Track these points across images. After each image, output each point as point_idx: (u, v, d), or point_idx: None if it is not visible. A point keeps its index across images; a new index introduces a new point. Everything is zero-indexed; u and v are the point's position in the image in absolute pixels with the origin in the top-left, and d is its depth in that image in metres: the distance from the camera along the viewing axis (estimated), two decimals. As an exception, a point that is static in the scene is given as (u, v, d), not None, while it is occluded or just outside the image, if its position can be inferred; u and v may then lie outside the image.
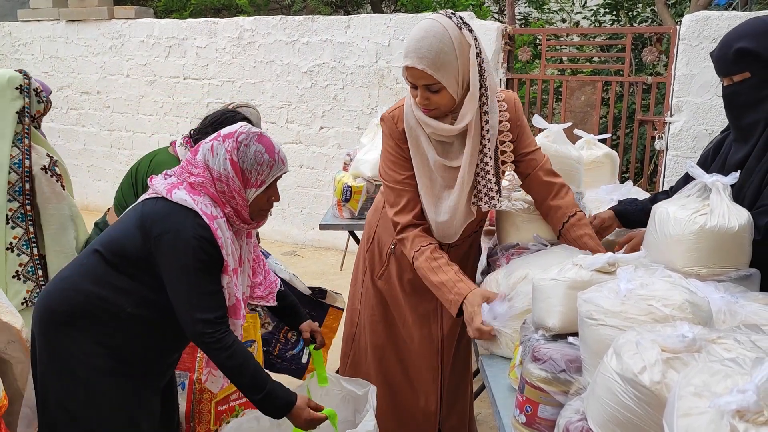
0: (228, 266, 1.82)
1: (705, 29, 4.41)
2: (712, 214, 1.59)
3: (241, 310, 1.88)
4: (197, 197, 1.79)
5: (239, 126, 1.88)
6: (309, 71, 6.00)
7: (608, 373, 1.12)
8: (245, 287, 2.01)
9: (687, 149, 4.58)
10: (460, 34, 1.83)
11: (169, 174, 1.89)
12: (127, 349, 1.84)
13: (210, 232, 1.76)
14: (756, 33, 1.73)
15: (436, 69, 1.80)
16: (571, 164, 2.39)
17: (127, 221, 1.85)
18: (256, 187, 1.85)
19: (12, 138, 2.45)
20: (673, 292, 1.30)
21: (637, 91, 4.79)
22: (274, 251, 4.98)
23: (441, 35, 1.80)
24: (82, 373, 1.80)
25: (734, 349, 1.07)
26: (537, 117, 2.48)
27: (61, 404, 1.82)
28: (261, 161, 1.83)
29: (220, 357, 1.77)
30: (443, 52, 1.80)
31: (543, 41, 5.16)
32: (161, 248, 1.76)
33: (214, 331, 1.74)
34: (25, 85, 2.51)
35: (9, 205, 2.43)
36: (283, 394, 1.82)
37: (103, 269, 1.81)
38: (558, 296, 1.60)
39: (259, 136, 1.86)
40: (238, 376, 1.79)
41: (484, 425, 3.22)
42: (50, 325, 1.83)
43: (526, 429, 1.45)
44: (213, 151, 1.83)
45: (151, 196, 1.85)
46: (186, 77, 6.56)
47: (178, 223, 1.75)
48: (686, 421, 0.89)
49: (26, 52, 7.34)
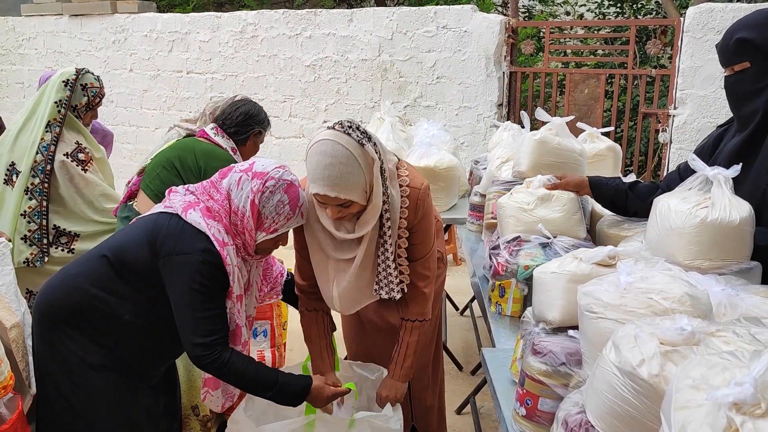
0: (233, 293, 1.83)
1: (709, 21, 4.38)
2: (714, 207, 1.59)
3: (242, 336, 1.90)
4: (211, 222, 1.79)
5: (273, 168, 1.83)
6: (312, 65, 6.00)
7: (607, 366, 1.12)
8: (252, 309, 2.03)
9: (691, 142, 4.56)
10: (363, 151, 1.79)
11: (190, 190, 1.88)
12: (123, 351, 1.85)
13: (219, 258, 1.77)
14: (756, 24, 1.76)
15: (347, 191, 1.78)
16: (573, 157, 2.39)
17: (138, 231, 1.84)
18: (267, 232, 1.84)
19: (46, 124, 2.84)
20: (673, 285, 1.30)
21: (641, 83, 4.77)
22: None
23: (347, 158, 1.76)
24: (77, 369, 1.82)
25: (733, 342, 1.07)
26: (540, 110, 2.47)
27: (62, 396, 1.85)
28: (281, 212, 1.82)
29: (220, 373, 1.82)
30: (351, 174, 1.77)
31: (546, 34, 5.14)
32: (169, 268, 1.77)
33: (211, 352, 1.77)
34: (71, 80, 2.90)
35: (32, 180, 2.82)
36: (296, 381, 1.87)
37: (107, 274, 1.82)
38: (558, 289, 1.60)
39: (288, 185, 1.83)
40: (243, 384, 1.85)
41: (486, 418, 3.22)
42: (48, 320, 1.85)
43: (527, 421, 1.46)
44: (239, 184, 1.81)
45: (165, 211, 1.84)
46: (189, 71, 6.56)
47: (188, 246, 1.75)
48: (683, 414, 0.89)
49: (30, 46, 7.35)
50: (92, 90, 2.98)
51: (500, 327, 2.07)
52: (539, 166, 2.36)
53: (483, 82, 5.28)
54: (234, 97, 2.93)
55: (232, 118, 2.74)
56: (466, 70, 5.33)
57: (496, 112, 5.30)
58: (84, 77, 2.95)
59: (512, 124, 3.54)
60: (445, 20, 5.33)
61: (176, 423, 2.14)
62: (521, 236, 2.18)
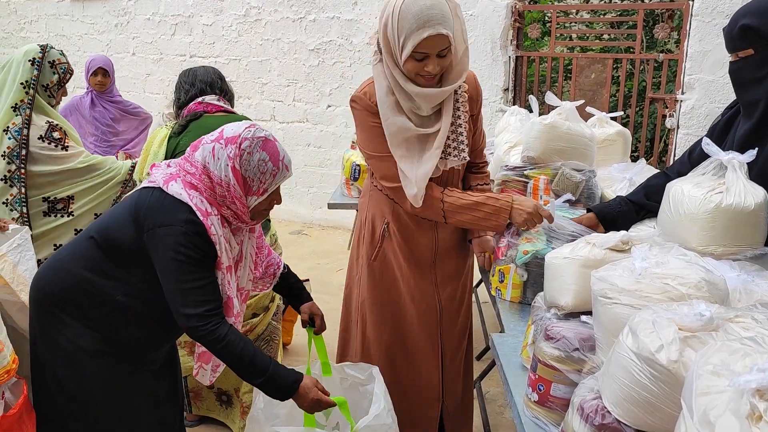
0: (222, 263, 1.78)
1: (719, 5, 4.34)
2: (728, 192, 1.57)
3: (234, 308, 1.84)
4: (192, 192, 1.75)
5: (243, 129, 1.79)
6: (316, 49, 5.96)
7: (624, 351, 1.11)
8: (246, 281, 1.99)
9: (698, 128, 4.53)
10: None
11: (171, 164, 1.85)
12: (118, 335, 1.83)
13: (203, 228, 1.73)
14: (761, 11, 1.74)
15: (451, 30, 1.86)
16: (584, 142, 2.37)
17: (122, 209, 1.82)
18: (258, 195, 1.80)
19: (12, 105, 2.68)
20: (689, 270, 1.29)
21: (648, 68, 4.73)
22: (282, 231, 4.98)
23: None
24: (72, 355, 1.80)
25: (752, 328, 1.06)
26: (549, 94, 2.45)
27: (57, 381, 1.83)
28: (264, 170, 1.78)
29: (215, 348, 1.74)
30: (449, 13, 1.86)
31: (553, 18, 5.09)
32: (153, 242, 1.73)
33: (206, 323, 1.71)
34: (38, 59, 2.73)
35: (8, 167, 2.68)
36: (287, 374, 1.79)
37: (96, 255, 1.80)
38: (571, 274, 1.59)
39: (264, 141, 1.78)
40: (237, 364, 1.76)
41: (492, 403, 3.23)
42: (42, 306, 1.84)
43: (539, 407, 1.46)
44: (214, 154, 1.76)
45: (148, 185, 1.82)
46: (192, 55, 6.52)
47: (170, 218, 1.72)
48: (705, 400, 0.88)
49: (32, 29, 7.31)
50: (61, 66, 2.83)
51: (510, 312, 2.06)
52: (549, 151, 2.34)
53: (489, 66, 5.24)
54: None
55: (213, 85, 2.71)
56: (472, 54, 5.21)
57: (502, 96, 5.26)
58: (50, 53, 2.78)
59: (519, 109, 3.51)
60: (451, 4, 5.28)
61: (178, 407, 2.12)
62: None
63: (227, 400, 2.91)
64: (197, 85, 2.70)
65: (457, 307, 2.34)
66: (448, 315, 2.30)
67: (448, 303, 2.29)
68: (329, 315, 2.25)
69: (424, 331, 2.28)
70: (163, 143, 2.68)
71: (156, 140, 2.71)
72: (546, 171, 2.34)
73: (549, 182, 2.32)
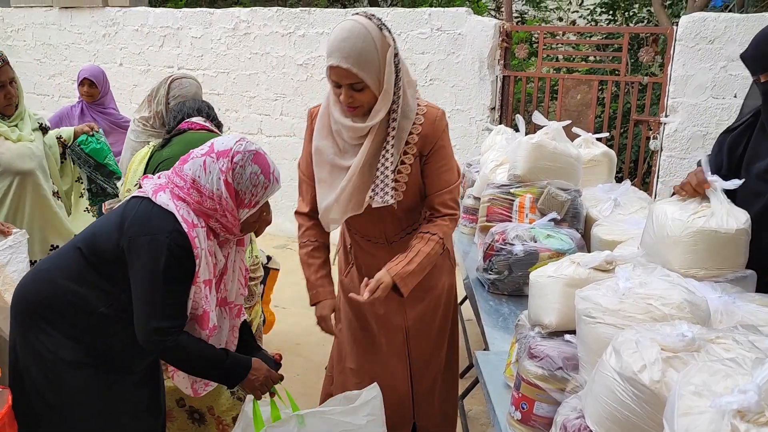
0: (198, 277, 1.78)
1: (702, 30, 4.42)
2: (713, 216, 1.59)
3: (210, 321, 1.85)
4: (180, 203, 1.76)
5: (234, 143, 1.80)
6: (305, 64, 5.97)
7: (607, 371, 1.12)
8: (237, 296, 1.99)
9: (681, 150, 4.59)
10: (380, 34, 1.86)
11: (161, 175, 1.85)
12: (101, 346, 1.82)
13: (187, 240, 1.73)
14: None
15: (360, 68, 1.83)
16: (570, 162, 2.39)
17: (110, 219, 1.82)
18: (249, 207, 1.81)
19: None
20: (672, 291, 1.30)
21: (633, 91, 4.80)
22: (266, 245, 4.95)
23: (364, 35, 1.83)
24: (51, 365, 1.79)
25: (733, 349, 1.07)
26: (536, 113, 2.48)
27: (36, 390, 1.81)
28: (257, 183, 1.79)
29: (167, 358, 1.85)
30: (366, 51, 1.83)
31: (540, 39, 5.15)
32: (134, 249, 1.72)
33: (165, 339, 1.76)
34: None
35: None
36: (239, 362, 1.89)
37: (80, 265, 1.79)
38: (555, 293, 1.60)
39: (255, 155, 1.80)
40: (189, 370, 1.90)
41: (474, 422, 3.22)
42: (23, 316, 1.82)
43: (522, 426, 1.46)
44: (205, 168, 1.77)
45: (137, 195, 1.82)
46: (180, 67, 6.50)
47: (155, 227, 1.72)
48: (687, 420, 0.89)
49: (18, 38, 7.27)
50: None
51: (494, 330, 2.07)
52: (536, 170, 2.37)
53: (476, 85, 5.29)
54: (168, 76, 3.05)
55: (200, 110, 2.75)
56: (459, 72, 5.33)
57: (489, 115, 5.30)
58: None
59: (505, 128, 3.54)
60: (440, 22, 5.33)
61: (161, 419, 2.10)
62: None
63: (200, 418, 2.86)
64: (185, 111, 2.73)
65: (426, 326, 2.27)
66: (417, 335, 2.26)
67: (416, 322, 2.25)
68: (314, 330, 2.24)
69: (393, 346, 2.26)
70: (143, 161, 2.69)
71: (137, 158, 2.72)
72: (532, 189, 2.36)
73: (535, 201, 2.33)
